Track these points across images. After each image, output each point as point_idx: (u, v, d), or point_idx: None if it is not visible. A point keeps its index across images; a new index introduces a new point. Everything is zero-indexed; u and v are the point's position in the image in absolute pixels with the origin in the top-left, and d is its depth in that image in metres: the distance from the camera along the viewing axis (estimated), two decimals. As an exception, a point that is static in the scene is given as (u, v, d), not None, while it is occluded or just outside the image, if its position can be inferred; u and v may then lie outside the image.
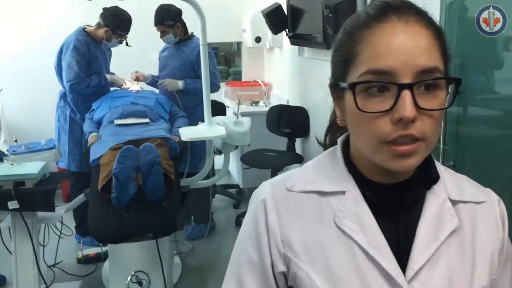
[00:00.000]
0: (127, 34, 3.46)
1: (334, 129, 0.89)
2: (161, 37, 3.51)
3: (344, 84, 0.72)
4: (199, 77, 3.44)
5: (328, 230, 0.76)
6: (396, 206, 0.76)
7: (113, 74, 3.63)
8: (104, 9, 3.39)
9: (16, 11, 4.30)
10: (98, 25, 3.40)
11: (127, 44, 3.48)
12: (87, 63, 3.33)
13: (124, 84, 3.57)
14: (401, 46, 0.67)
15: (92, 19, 3.44)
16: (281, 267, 0.77)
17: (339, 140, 0.84)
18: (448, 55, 0.73)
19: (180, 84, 3.47)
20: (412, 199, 0.76)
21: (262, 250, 0.78)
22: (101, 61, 3.48)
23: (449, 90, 0.73)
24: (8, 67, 4.26)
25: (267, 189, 0.81)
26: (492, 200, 0.82)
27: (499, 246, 0.80)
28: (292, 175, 0.83)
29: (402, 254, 0.74)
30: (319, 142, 0.95)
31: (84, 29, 3.40)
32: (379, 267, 0.72)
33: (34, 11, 4.32)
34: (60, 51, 3.35)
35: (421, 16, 0.70)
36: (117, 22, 3.36)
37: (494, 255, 0.79)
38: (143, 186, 2.40)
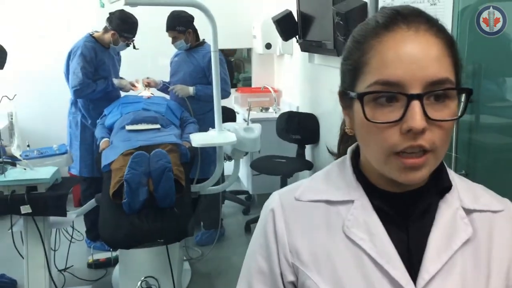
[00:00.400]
0: (133, 37, 3.47)
1: (346, 138, 0.88)
2: (172, 42, 3.53)
3: (352, 94, 0.72)
4: (210, 83, 3.47)
5: (336, 239, 0.75)
6: (407, 214, 0.75)
7: (122, 78, 3.65)
8: (111, 13, 3.42)
9: (29, 17, 4.36)
10: (105, 30, 3.43)
11: (134, 47, 3.50)
12: (94, 69, 3.36)
13: (132, 88, 3.58)
14: (411, 56, 0.66)
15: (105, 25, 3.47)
16: (290, 277, 0.77)
17: (349, 149, 0.83)
18: (459, 64, 0.71)
19: (191, 90, 3.48)
20: (423, 208, 0.75)
21: (272, 260, 0.78)
22: (109, 66, 3.50)
23: (461, 99, 0.72)
24: (21, 72, 4.31)
25: (276, 199, 0.81)
26: (509, 209, 0.80)
27: None
28: (301, 184, 0.83)
29: (413, 263, 0.73)
30: (330, 152, 0.94)
31: (91, 35, 3.44)
32: (388, 276, 0.71)
33: (47, 17, 4.37)
34: (68, 57, 3.39)
35: (432, 24, 0.69)
36: (123, 25, 3.39)
37: (510, 266, 0.76)
38: (154, 192, 2.41)
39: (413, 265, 0.72)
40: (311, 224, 0.77)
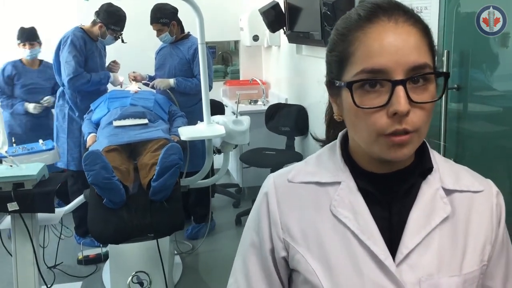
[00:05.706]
0: (121, 30, 3.45)
1: (333, 124, 0.94)
2: (157, 35, 3.51)
3: (341, 83, 0.76)
4: (194, 76, 3.47)
5: (324, 218, 0.81)
6: (391, 194, 0.81)
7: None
8: (100, 7, 3.40)
9: (14, 11, 4.29)
10: (94, 23, 3.41)
11: (122, 41, 3.48)
12: (84, 58, 3.34)
13: (120, 83, 3.56)
14: (393, 45, 0.71)
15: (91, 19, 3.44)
16: (282, 253, 0.84)
17: (340, 134, 0.89)
18: (434, 50, 0.77)
19: (171, 81, 3.48)
20: (405, 188, 0.81)
21: (263, 235, 0.86)
22: (98, 58, 3.47)
23: (438, 82, 0.77)
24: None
25: (271, 181, 0.88)
26: (490, 190, 0.85)
27: (491, 236, 0.82)
28: (295, 167, 0.89)
29: (394, 240, 0.79)
30: (315, 138, 0.99)
31: (80, 27, 3.41)
32: (369, 251, 0.77)
33: (33, 11, 4.30)
34: (58, 47, 3.35)
35: (409, 15, 0.74)
36: (110, 18, 3.36)
37: (486, 242, 0.82)
38: (152, 182, 2.39)
39: (394, 242, 0.79)
40: (301, 204, 0.84)
